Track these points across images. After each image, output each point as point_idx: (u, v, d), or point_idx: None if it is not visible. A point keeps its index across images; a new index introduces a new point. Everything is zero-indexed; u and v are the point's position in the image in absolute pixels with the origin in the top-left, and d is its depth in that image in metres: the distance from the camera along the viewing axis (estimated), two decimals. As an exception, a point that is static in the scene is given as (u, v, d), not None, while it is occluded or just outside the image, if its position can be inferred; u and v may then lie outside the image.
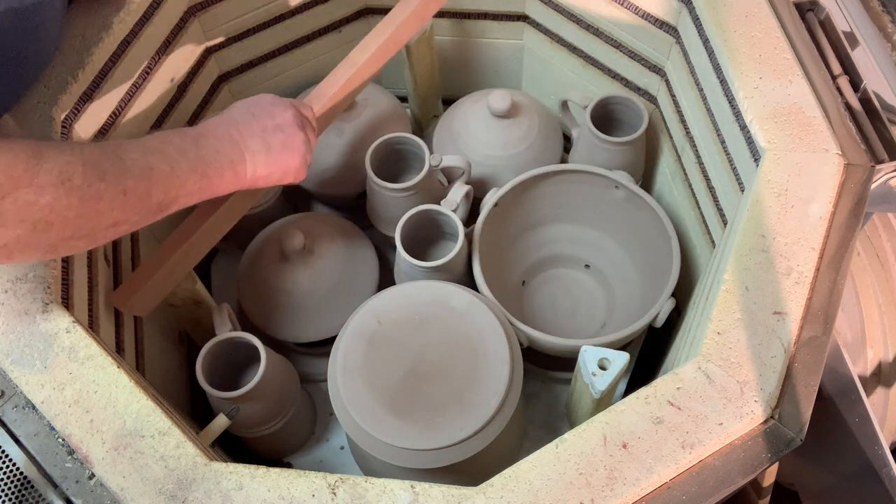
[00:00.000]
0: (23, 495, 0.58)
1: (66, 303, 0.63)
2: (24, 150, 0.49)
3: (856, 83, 0.73)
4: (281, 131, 0.69)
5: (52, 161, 0.50)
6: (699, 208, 0.84)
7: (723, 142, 0.75)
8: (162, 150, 0.59)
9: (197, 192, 0.62)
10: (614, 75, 0.94)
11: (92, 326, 0.67)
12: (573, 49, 0.96)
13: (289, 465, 0.90)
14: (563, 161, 0.97)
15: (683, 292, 0.85)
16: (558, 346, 0.80)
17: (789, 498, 0.86)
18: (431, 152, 0.87)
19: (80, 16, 0.75)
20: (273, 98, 0.71)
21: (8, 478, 0.58)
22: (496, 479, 0.54)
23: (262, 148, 0.67)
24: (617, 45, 0.90)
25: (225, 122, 0.66)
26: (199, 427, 0.72)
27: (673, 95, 0.86)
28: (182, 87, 0.89)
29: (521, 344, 0.79)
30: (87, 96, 0.73)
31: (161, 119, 0.86)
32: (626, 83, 0.93)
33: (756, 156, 0.68)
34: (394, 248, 0.81)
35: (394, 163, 0.91)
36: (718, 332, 0.59)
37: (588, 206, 0.92)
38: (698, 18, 0.76)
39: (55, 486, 0.57)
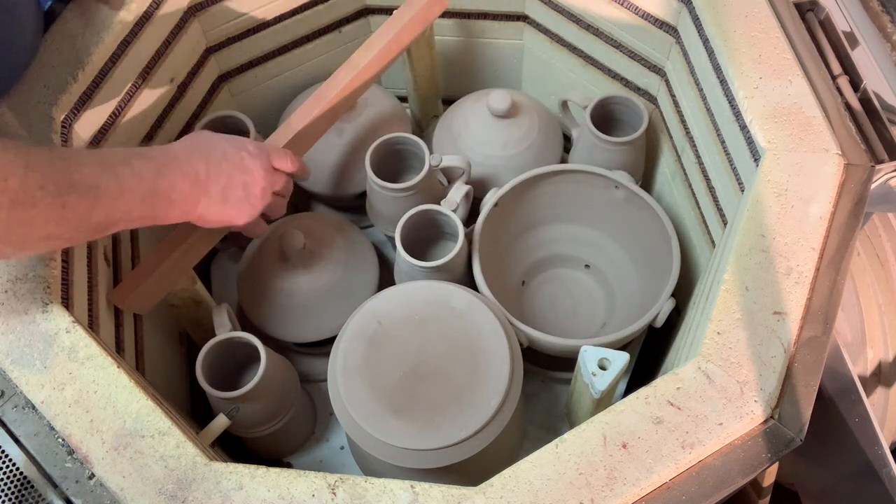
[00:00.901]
0: (23, 495, 0.58)
1: (66, 303, 0.63)
2: None
3: (856, 83, 0.73)
4: (244, 189, 0.68)
5: None
6: (699, 208, 0.84)
7: (723, 142, 0.75)
8: (118, 172, 0.56)
9: (140, 219, 0.60)
10: (614, 75, 0.94)
11: (92, 326, 0.67)
12: (573, 49, 0.96)
13: (289, 465, 0.90)
14: (563, 161, 0.97)
15: (683, 292, 0.85)
16: (558, 346, 0.80)
17: (789, 498, 0.86)
18: (431, 152, 0.87)
19: (80, 16, 0.75)
20: (254, 148, 0.70)
21: (8, 478, 0.58)
22: (496, 479, 0.54)
23: (220, 198, 0.66)
24: (617, 45, 0.90)
25: (196, 157, 0.64)
26: (199, 427, 0.72)
27: (673, 95, 0.86)
28: (182, 87, 0.89)
29: (521, 344, 0.79)
30: (87, 96, 0.73)
31: (161, 119, 0.86)
32: (626, 83, 0.93)
33: (756, 156, 0.68)
34: (394, 248, 0.81)
35: (394, 163, 0.91)
36: (718, 332, 0.59)
37: (588, 206, 0.92)
38: (698, 18, 0.76)
39: (55, 486, 0.57)
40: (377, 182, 0.84)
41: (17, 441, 0.59)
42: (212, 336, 0.76)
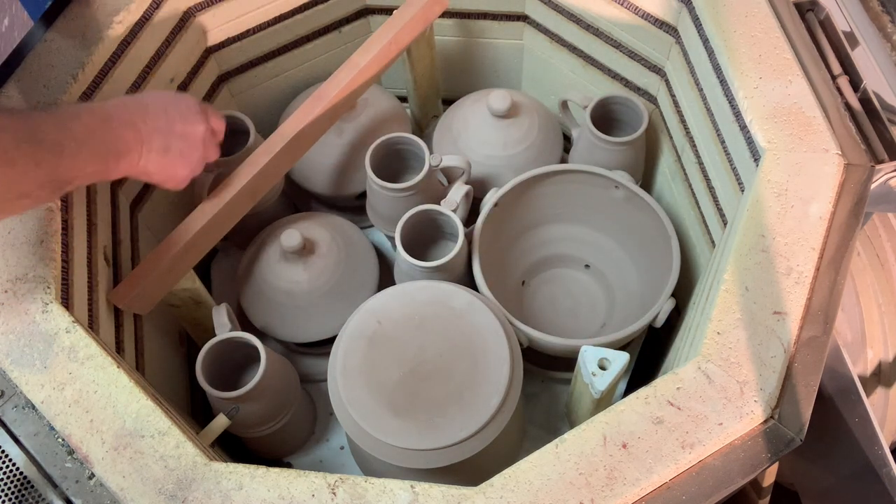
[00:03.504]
0: (23, 495, 0.58)
1: (66, 303, 0.63)
2: None
3: (856, 83, 0.73)
4: (184, 140, 0.68)
5: None
6: (699, 208, 0.84)
7: (723, 142, 0.75)
8: (72, 128, 0.58)
9: (93, 174, 0.61)
10: (614, 75, 0.94)
11: (92, 326, 0.67)
12: (573, 49, 0.96)
13: (289, 465, 0.90)
14: (563, 161, 0.97)
15: (683, 292, 0.85)
16: (558, 346, 0.80)
17: (789, 498, 0.86)
18: (431, 152, 0.87)
19: (80, 16, 0.75)
20: (194, 105, 0.70)
21: (8, 478, 0.58)
22: (496, 479, 0.54)
23: (161, 148, 0.66)
24: (617, 45, 0.90)
25: (136, 108, 0.65)
26: (199, 427, 0.72)
27: (673, 95, 0.86)
28: (182, 88, 0.89)
29: (521, 344, 0.79)
30: (87, 96, 0.73)
31: (161, 119, 0.86)
32: (626, 83, 0.93)
33: (756, 156, 0.68)
34: (394, 248, 0.81)
35: (394, 163, 0.91)
36: (718, 332, 0.59)
37: (588, 206, 0.92)
38: (698, 18, 0.76)
39: (55, 486, 0.57)
40: (377, 182, 0.84)
41: (17, 441, 0.59)
42: (212, 336, 0.76)
